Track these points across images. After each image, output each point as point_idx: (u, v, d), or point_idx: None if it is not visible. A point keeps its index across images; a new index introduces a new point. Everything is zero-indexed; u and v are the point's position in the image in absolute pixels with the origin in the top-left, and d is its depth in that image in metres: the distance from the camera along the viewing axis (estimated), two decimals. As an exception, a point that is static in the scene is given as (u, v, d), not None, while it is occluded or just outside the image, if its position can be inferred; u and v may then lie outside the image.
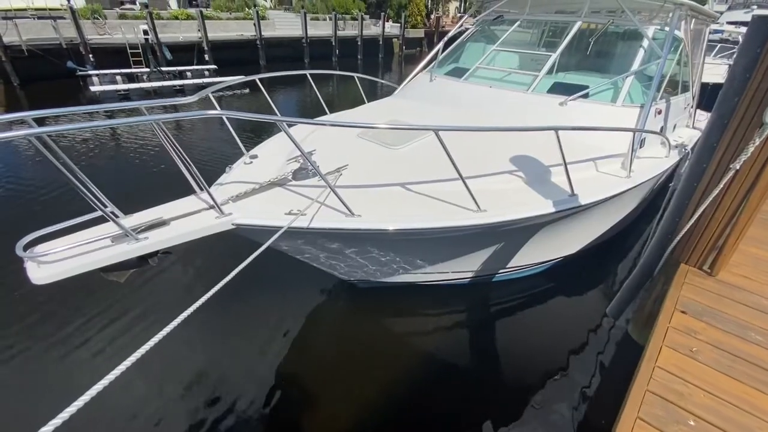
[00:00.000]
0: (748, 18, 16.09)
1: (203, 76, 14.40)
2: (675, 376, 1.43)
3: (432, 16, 28.86)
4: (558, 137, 2.67)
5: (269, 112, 2.71)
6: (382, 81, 6.50)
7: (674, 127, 5.07)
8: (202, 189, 2.44)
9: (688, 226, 1.97)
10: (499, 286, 4.23)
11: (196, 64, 15.31)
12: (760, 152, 1.72)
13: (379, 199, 2.79)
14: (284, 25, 20.25)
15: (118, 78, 12.65)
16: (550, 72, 4.38)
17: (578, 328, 3.78)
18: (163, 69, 14.15)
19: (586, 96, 4.01)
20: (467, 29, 5.70)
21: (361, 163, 3.18)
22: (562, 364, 3.33)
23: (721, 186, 1.83)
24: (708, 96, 7.01)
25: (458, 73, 4.99)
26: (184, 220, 2.38)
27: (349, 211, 2.51)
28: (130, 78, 13.02)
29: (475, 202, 2.66)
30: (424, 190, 2.88)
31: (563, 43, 4.41)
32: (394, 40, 24.72)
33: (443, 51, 5.49)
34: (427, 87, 5.09)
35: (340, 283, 4.02)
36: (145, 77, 13.33)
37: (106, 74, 12.79)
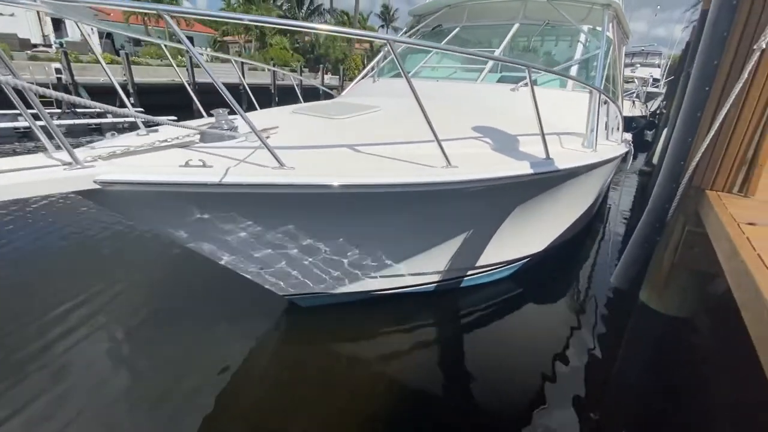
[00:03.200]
0: (636, 74, 18.96)
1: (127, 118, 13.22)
2: None
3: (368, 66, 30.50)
4: (531, 84, 2.29)
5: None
6: (325, 88, 6.19)
7: (612, 131, 5.18)
8: (56, 146, 1.67)
9: (708, 139, 1.60)
10: (468, 292, 3.64)
11: (121, 107, 14.08)
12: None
13: (320, 157, 2.14)
14: (220, 74, 19.86)
15: (20, 118, 11.06)
16: (494, 69, 4.28)
17: (568, 320, 3.39)
18: (78, 111, 12.76)
19: (535, 83, 3.89)
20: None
21: (297, 126, 2.56)
22: (563, 359, 2.73)
23: (745, 76, 1.50)
24: (626, 125, 7.68)
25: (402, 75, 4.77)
26: (16, 174, 1.54)
27: (279, 162, 1.82)
28: (36, 117, 11.47)
29: (445, 157, 2.11)
30: (377, 151, 2.27)
31: (504, 42, 4.36)
32: (334, 91, 25.48)
33: (384, 60, 5.31)
34: (372, 87, 4.82)
35: (278, 302, 3.14)
36: (55, 118, 11.83)
37: (5, 114, 11.13)
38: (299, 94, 4.78)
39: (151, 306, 3.14)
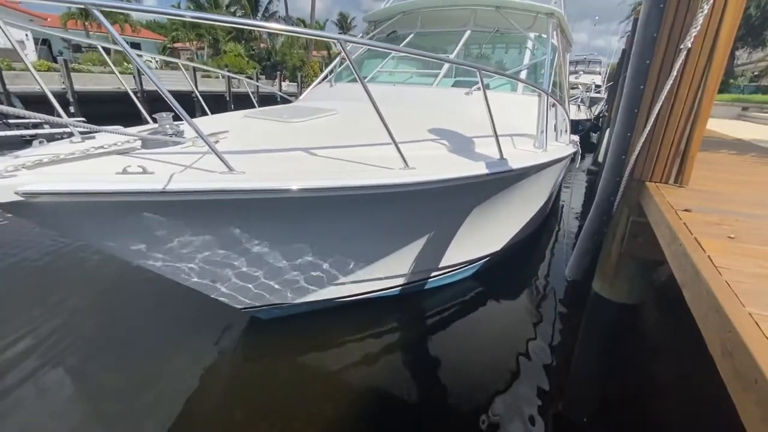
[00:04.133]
0: (580, 80, 20.29)
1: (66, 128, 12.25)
2: (743, 261, 0.96)
3: (327, 70, 30.35)
4: (483, 85, 2.34)
5: None
6: (281, 94, 6.07)
7: (561, 133, 5.47)
8: None
9: (644, 134, 1.70)
10: (432, 293, 3.66)
11: (59, 117, 13.04)
12: (709, 21, 1.54)
13: (273, 161, 2.05)
14: (171, 82, 19.04)
15: (-64, 129, 9.95)
16: (449, 74, 4.38)
17: (528, 315, 3.47)
18: (11, 122, 11.67)
19: (488, 87, 4.03)
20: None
21: (249, 130, 2.46)
22: (525, 354, 2.78)
23: (675, 74, 1.61)
24: (573, 127, 8.23)
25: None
26: None
27: (228, 166, 1.72)
28: (-45, 128, 10.36)
29: (403, 159, 2.09)
30: (333, 154, 2.22)
31: (458, 47, 4.47)
32: (292, 98, 25.07)
33: (340, 65, 5.30)
34: (329, 91, 4.77)
35: (236, 316, 2.98)
36: (-21, 129, 10.73)
37: None
38: (254, 102, 4.65)
39: (98, 330, 2.88)
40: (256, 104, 4.68)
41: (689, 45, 1.56)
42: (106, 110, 15.06)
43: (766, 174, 2.40)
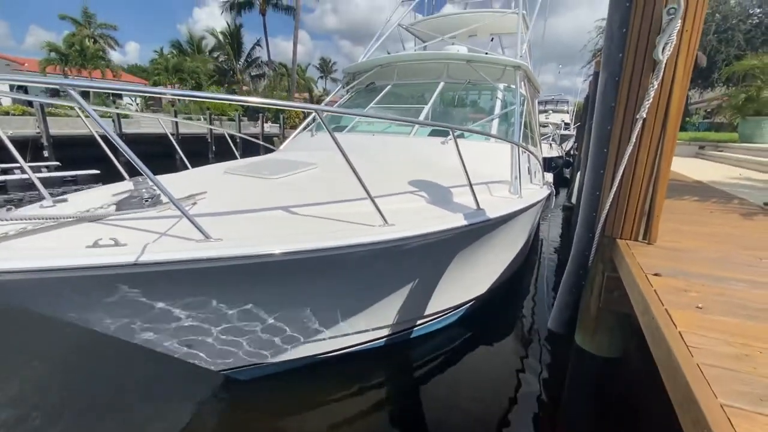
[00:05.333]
0: (549, 119, 21.52)
1: (39, 172, 11.95)
2: (713, 338, 0.98)
3: (309, 118, 31.08)
4: (456, 142, 2.44)
5: None
6: (264, 144, 6.14)
7: (535, 174, 5.70)
8: None
9: (612, 194, 1.79)
10: (419, 342, 3.57)
11: (32, 162, 12.76)
12: (660, 94, 1.68)
13: (251, 225, 2.03)
14: (152, 125, 19.10)
15: None
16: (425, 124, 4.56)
17: (515, 365, 3.37)
18: (-22, 167, 11.31)
19: (462, 136, 4.20)
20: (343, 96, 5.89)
21: (227, 190, 2.45)
22: (513, 406, 2.71)
23: (634, 140, 1.73)
24: (546, 165, 8.65)
25: (339, 129, 4.92)
26: None
27: (204, 234, 1.70)
28: None
29: (381, 216, 2.12)
30: (313, 212, 2.23)
31: (432, 98, 4.70)
32: (275, 138, 25.39)
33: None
34: (310, 141, 4.86)
35: (213, 377, 2.82)
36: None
37: None
38: (235, 152, 4.68)
39: (63, 394, 2.67)
40: (237, 154, 4.72)
41: (644, 115, 1.70)
42: (83, 154, 14.88)
43: (725, 222, 2.56)
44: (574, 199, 8.05)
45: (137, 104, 25.59)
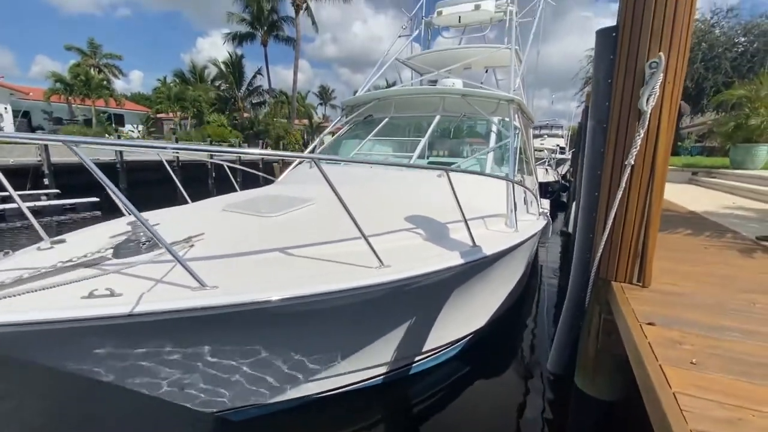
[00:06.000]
0: (545, 144, 21.90)
1: (39, 200, 12.00)
2: (707, 400, 0.98)
3: (309, 146, 31.59)
4: (451, 182, 2.49)
5: None
6: (263, 174, 6.20)
7: (531, 203, 5.76)
8: None
9: (604, 237, 1.81)
10: (417, 379, 3.51)
11: (32, 189, 12.84)
12: (646, 142, 1.74)
13: (248, 269, 2.05)
14: (152, 151, 19.34)
15: None
16: (421, 155, 4.65)
17: (516, 402, 3.27)
18: (-22, 195, 11.35)
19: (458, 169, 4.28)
20: (341, 127, 6.02)
21: (225, 231, 2.47)
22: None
23: (623, 185, 1.77)
24: (542, 190, 8.80)
25: (337, 161, 5.01)
26: None
27: (200, 282, 1.71)
28: None
29: (377, 257, 2.14)
30: (310, 253, 2.25)
31: (429, 131, 4.81)
32: (275, 164, 25.66)
33: (320, 147, 5.57)
34: (308, 173, 4.92)
35: (203, 419, 2.75)
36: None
37: None
38: (235, 184, 4.73)
39: None
40: (236, 185, 4.77)
41: (632, 162, 1.75)
42: (83, 180, 14.98)
43: (719, 260, 2.58)
44: (570, 228, 8.09)
45: (139, 131, 25.98)
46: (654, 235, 1.83)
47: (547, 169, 14.71)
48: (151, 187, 17.24)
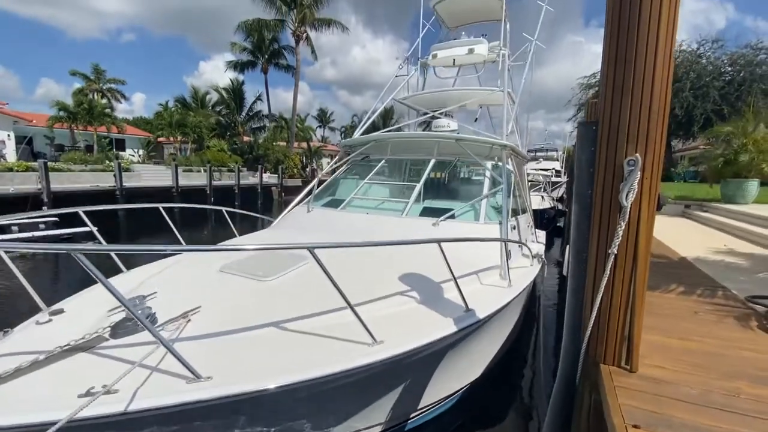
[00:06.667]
0: (540, 166, 22.15)
1: (36, 229, 12.02)
2: None
3: (308, 169, 32.01)
4: (442, 250, 2.58)
5: None
6: (261, 216, 6.28)
7: (526, 241, 5.84)
8: None
9: (592, 320, 1.86)
10: (413, 434, 3.47)
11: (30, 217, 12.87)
12: (628, 233, 1.81)
13: (243, 348, 2.09)
14: (152, 177, 19.52)
15: None
16: (417, 200, 4.75)
17: None
18: (-23, 223, 11.35)
19: (452, 217, 4.36)
20: (339, 168, 6.16)
21: (221, 301, 2.52)
22: None
23: (608, 272, 1.83)
24: (538, 218, 8.90)
25: (335, 204, 5.12)
26: None
27: (194, 374, 1.75)
28: None
29: (370, 334, 2.20)
30: (305, 327, 2.32)
31: (424, 175, 4.93)
32: (273, 188, 25.89)
33: (318, 187, 5.68)
34: (305, 217, 5.01)
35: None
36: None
37: None
38: (234, 229, 4.81)
39: None
40: (235, 231, 4.84)
41: (615, 251, 1.83)
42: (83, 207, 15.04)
43: (708, 331, 2.65)
44: (565, 271, 8.13)
45: (140, 155, 26.24)
46: (640, 321, 1.88)
47: (543, 196, 14.86)
48: (152, 213, 17.32)
